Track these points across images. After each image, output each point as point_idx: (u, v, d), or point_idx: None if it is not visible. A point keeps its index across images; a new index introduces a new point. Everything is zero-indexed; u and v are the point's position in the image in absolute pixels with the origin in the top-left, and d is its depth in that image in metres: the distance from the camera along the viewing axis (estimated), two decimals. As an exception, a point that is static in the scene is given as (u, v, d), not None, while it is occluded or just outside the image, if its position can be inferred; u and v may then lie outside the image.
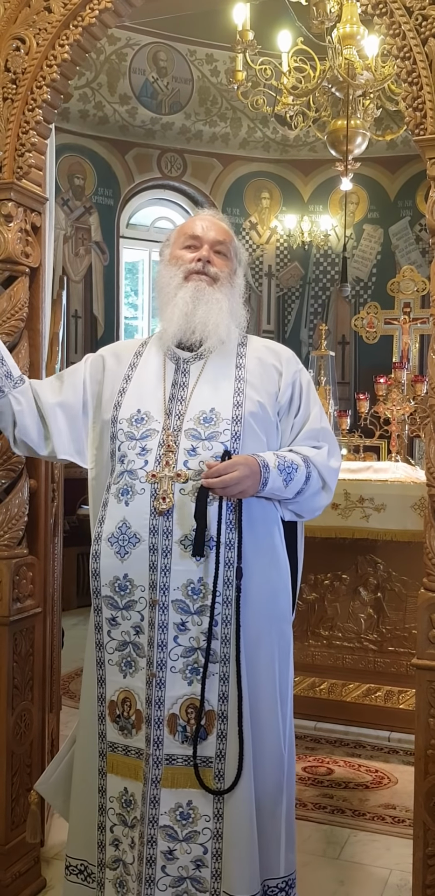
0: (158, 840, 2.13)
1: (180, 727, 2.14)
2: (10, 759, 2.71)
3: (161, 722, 2.14)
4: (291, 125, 5.98)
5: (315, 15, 5.13)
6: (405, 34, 2.33)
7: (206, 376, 2.29)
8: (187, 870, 2.14)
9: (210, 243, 2.33)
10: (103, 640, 2.25)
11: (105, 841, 2.24)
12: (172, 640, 2.15)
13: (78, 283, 8.43)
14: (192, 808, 2.14)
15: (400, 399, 5.39)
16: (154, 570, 2.16)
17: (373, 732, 4.21)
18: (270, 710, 2.23)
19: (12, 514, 2.72)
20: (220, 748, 2.14)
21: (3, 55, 2.71)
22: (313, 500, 2.30)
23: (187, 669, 2.14)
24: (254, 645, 2.19)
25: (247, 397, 2.25)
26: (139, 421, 2.25)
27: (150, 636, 2.16)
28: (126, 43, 8.06)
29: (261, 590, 2.22)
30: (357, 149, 5.95)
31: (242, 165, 9.08)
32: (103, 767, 2.24)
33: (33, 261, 2.79)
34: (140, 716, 2.17)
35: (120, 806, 2.22)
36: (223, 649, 2.14)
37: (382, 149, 8.32)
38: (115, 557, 2.22)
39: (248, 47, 5.32)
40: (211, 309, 2.27)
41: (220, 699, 2.14)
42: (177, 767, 2.15)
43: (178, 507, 2.14)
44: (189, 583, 2.14)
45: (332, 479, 2.31)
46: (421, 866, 2.30)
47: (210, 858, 2.13)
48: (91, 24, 2.69)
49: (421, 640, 2.32)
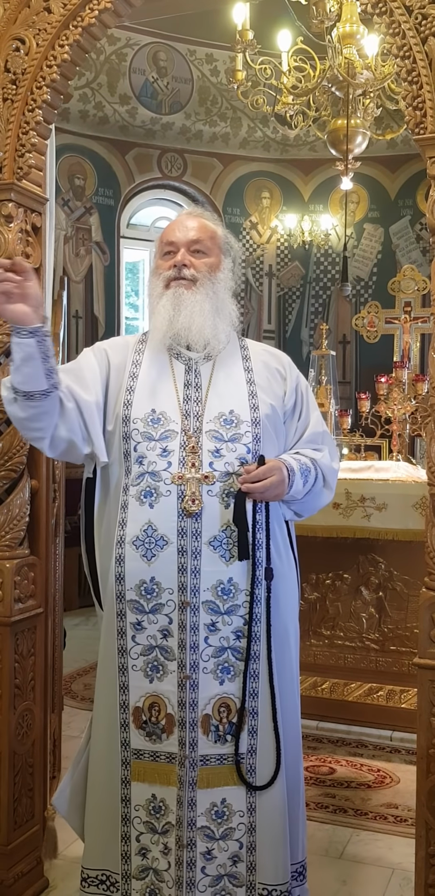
0: (197, 842, 2.16)
1: (213, 727, 2.17)
2: (12, 759, 2.71)
3: (195, 723, 2.16)
4: (292, 125, 5.97)
5: (315, 14, 5.13)
6: (405, 33, 2.33)
7: (219, 377, 2.31)
8: (225, 867, 2.17)
9: (186, 245, 2.32)
10: (127, 645, 2.22)
11: (130, 851, 2.21)
12: (203, 641, 2.16)
13: (78, 283, 8.43)
14: (226, 805, 2.17)
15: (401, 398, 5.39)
16: (183, 573, 2.16)
17: (375, 732, 4.21)
18: (292, 703, 2.29)
19: (14, 514, 2.72)
20: (251, 744, 2.18)
21: (2, 56, 2.71)
22: (317, 499, 2.36)
23: (218, 669, 2.17)
24: (281, 642, 2.25)
25: (260, 400, 2.29)
26: (156, 421, 2.24)
27: (181, 638, 2.16)
28: (126, 43, 8.06)
29: (285, 588, 2.28)
30: (357, 148, 5.95)
31: (243, 165, 9.08)
32: (127, 776, 2.22)
33: (34, 261, 2.79)
34: (171, 720, 2.18)
35: (147, 814, 2.20)
36: (254, 647, 2.18)
37: (383, 148, 8.32)
38: (141, 560, 2.19)
39: (248, 47, 5.32)
40: (193, 312, 2.27)
41: (250, 696, 2.18)
42: (211, 767, 2.17)
43: (207, 509, 2.17)
44: (219, 583, 2.16)
45: (333, 480, 2.38)
46: (423, 865, 2.30)
47: (245, 853, 2.17)
48: (91, 24, 2.69)
49: (423, 639, 2.32)
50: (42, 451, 2.33)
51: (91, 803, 2.31)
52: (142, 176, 8.79)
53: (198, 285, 2.30)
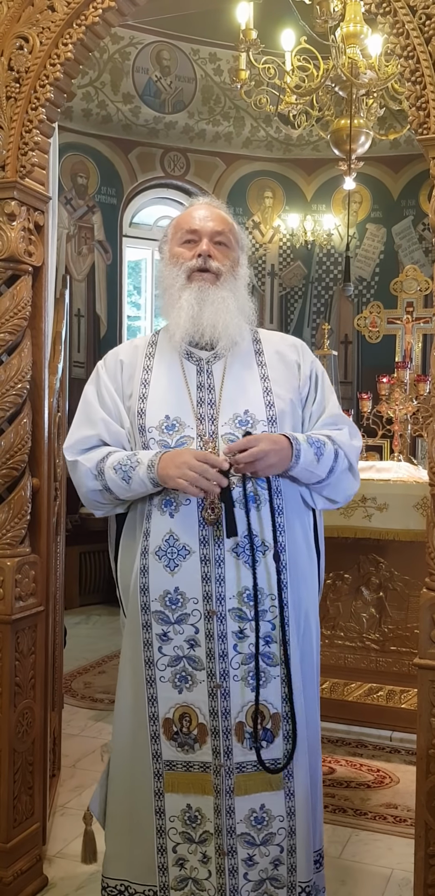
0: (238, 849, 2.14)
1: (247, 734, 2.14)
2: (12, 757, 2.71)
3: (229, 732, 2.14)
4: (294, 124, 5.97)
5: (318, 14, 5.13)
6: (409, 33, 2.32)
7: (232, 376, 2.24)
8: (267, 871, 2.16)
9: (209, 235, 2.25)
10: (154, 656, 2.18)
11: (167, 863, 2.19)
12: (232, 648, 2.13)
13: (81, 282, 8.43)
14: (265, 811, 2.16)
15: (402, 398, 5.38)
16: (208, 581, 2.13)
17: (375, 732, 4.21)
18: (313, 697, 2.29)
19: (15, 512, 2.72)
20: (287, 748, 2.16)
21: (6, 54, 2.71)
22: (344, 480, 2.26)
23: (249, 676, 2.14)
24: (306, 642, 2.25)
25: (275, 396, 2.23)
26: (170, 428, 2.18)
27: (209, 648, 2.13)
28: (129, 42, 8.06)
29: (308, 589, 2.26)
30: (360, 148, 5.94)
31: (245, 164, 9.08)
32: (160, 788, 2.19)
33: (36, 260, 2.79)
34: (204, 729, 2.15)
35: (183, 824, 2.18)
36: (282, 651, 2.15)
37: (386, 148, 8.31)
38: (165, 571, 2.16)
39: (251, 46, 5.31)
40: (218, 309, 2.20)
41: (283, 701, 2.15)
42: (247, 774, 2.15)
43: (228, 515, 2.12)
44: (244, 589, 2.12)
45: (355, 459, 2.28)
46: (422, 866, 2.30)
47: (286, 856, 2.17)
48: (94, 22, 2.69)
49: (423, 639, 2.32)
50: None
51: (112, 813, 2.29)
52: (144, 175, 8.79)
53: (222, 280, 2.23)
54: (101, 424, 2.27)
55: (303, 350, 2.35)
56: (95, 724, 4.40)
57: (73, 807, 3.40)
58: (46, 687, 2.93)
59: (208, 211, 2.31)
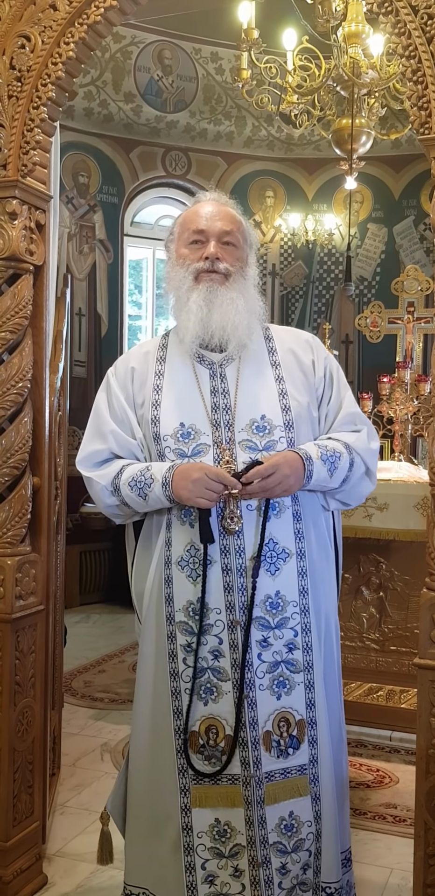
0: (272, 858, 2.12)
1: (274, 742, 2.13)
2: (12, 755, 2.71)
3: (257, 742, 2.11)
4: (296, 124, 5.97)
5: (320, 13, 5.13)
6: (411, 33, 2.32)
7: (246, 380, 2.19)
8: (298, 877, 2.16)
9: (217, 236, 2.19)
10: (179, 668, 2.14)
11: (196, 881, 2.13)
12: (257, 657, 2.11)
13: (82, 281, 8.43)
14: (294, 818, 2.14)
15: (403, 398, 5.38)
16: (230, 591, 2.10)
17: (374, 732, 4.21)
18: (337, 701, 2.30)
19: (15, 511, 2.72)
20: (313, 753, 2.16)
21: (8, 53, 2.71)
22: (359, 486, 2.24)
23: (274, 684, 2.13)
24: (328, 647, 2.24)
25: (291, 398, 2.19)
26: (186, 436, 2.14)
27: (234, 658, 2.10)
28: (131, 41, 8.05)
29: (324, 589, 2.24)
30: (362, 148, 5.94)
31: (247, 164, 9.07)
32: (187, 803, 2.13)
33: (37, 259, 2.79)
34: (230, 741, 2.11)
35: (211, 840, 2.13)
36: (305, 657, 2.15)
37: (387, 148, 8.31)
38: (188, 581, 2.13)
39: (253, 46, 5.31)
40: (227, 311, 2.15)
41: (308, 706, 2.15)
42: (277, 783, 2.14)
43: (248, 524, 2.10)
44: (267, 598, 2.11)
45: (373, 463, 2.24)
46: (422, 866, 2.30)
47: (313, 859, 2.17)
48: (96, 21, 2.69)
49: (423, 639, 2.32)
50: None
51: (132, 821, 2.25)
52: (146, 174, 8.79)
53: (231, 281, 2.18)
54: (111, 437, 2.23)
55: (317, 347, 2.30)
56: (95, 723, 4.40)
57: (73, 805, 3.40)
58: (46, 686, 2.94)
59: (216, 209, 2.24)
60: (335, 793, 2.22)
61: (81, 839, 3.13)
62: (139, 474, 2.15)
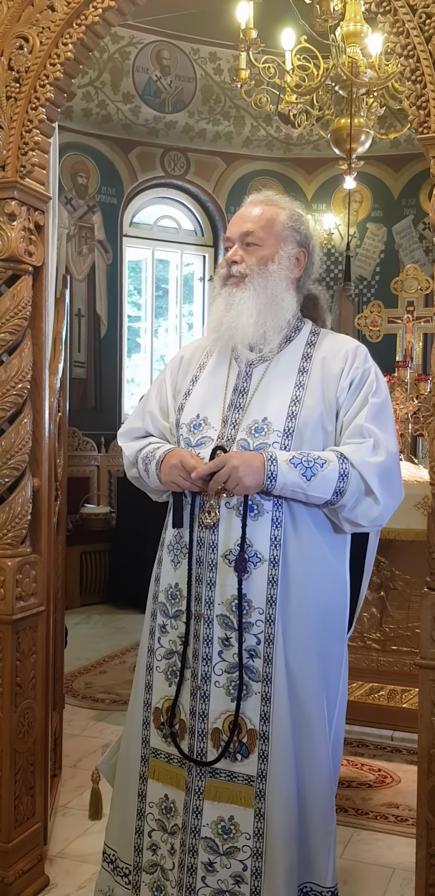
0: (199, 851, 2.13)
1: (223, 742, 2.12)
2: (14, 757, 2.71)
3: (205, 734, 2.13)
4: (295, 123, 5.97)
5: (319, 13, 5.12)
6: (409, 32, 2.32)
7: (266, 382, 2.20)
8: (227, 884, 2.13)
9: (239, 239, 2.24)
10: (154, 646, 2.24)
11: (142, 845, 2.24)
12: (217, 654, 2.12)
13: (81, 281, 8.43)
14: (233, 823, 2.12)
15: (403, 398, 5.38)
16: (199, 583, 2.13)
17: (376, 731, 4.21)
18: (321, 734, 2.17)
19: (16, 512, 2.72)
20: (261, 769, 2.10)
21: (6, 54, 2.71)
22: (361, 504, 2.11)
23: (231, 686, 2.12)
24: (302, 667, 2.13)
25: (304, 406, 2.14)
26: (197, 427, 2.21)
27: (196, 648, 2.14)
28: (129, 41, 8.06)
29: (309, 607, 2.14)
30: (361, 147, 5.94)
31: (246, 164, 9.07)
32: (145, 772, 2.24)
33: (36, 259, 2.79)
34: (184, 726, 2.17)
35: (160, 812, 2.21)
36: (265, 668, 2.09)
37: (386, 147, 8.31)
38: (171, 565, 2.21)
39: (251, 46, 5.31)
40: (239, 311, 2.19)
41: (262, 719, 2.10)
42: (220, 782, 2.13)
43: (224, 521, 2.11)
44: (233, 598, 2.10)
45: (374, 479, 2.08)
46: (424, 865, 2.29)
47: (249, 876, 2.11)
48: (94, 22, 2.68)
49: (424, 639, 2.32)
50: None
51: (116, 785, 2.37)
52: (145, 174, 8.79)
53: (247, 282, 2.20)
54: (148, 418, 2.39)
55: (356, 357, 2.21)
56: (96, 724, 4.40)
57: (75, 807, 3.40)
58: (47, 687, 2.94)
59: (245, 211, 2.31)
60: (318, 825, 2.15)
61: (83, 840, 3.13)
62: (150, 450, 2.27)
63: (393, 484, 2.14)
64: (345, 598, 2.25)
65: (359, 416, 2.15)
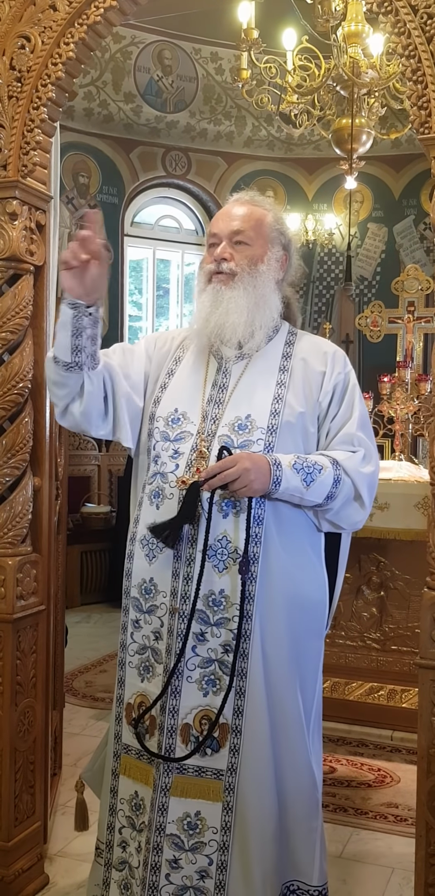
0: (164, 848, 2.11)
1: (193, 737, 2.11)
2: (14, 756, 2.72)
3: (174, 731, 2.12)
4: (296, 124, 5.97)
5: (320, 13, 5.13)
6: (410, 32, 2.32)
7: (247, 379, 2.21)
8: (191, 879, 2.12)
9: (228, 237, 2.23)
10: (127, 641, 2.23)
11: (114, 841, 2.24)
12: (191, 649, 2.12)
13: (82, 281, 8.43)
14: (199, 818, 2.12)
15: (404, 398, 5.38)
16: (176, 578, 2.13)
17: (375, 731, 4.21)
18: (299, 729, 2.17)
19: (16, 511, 2.72)
20: (232, 762, 2.11)
21: (8, 53, 2.71)
22: (348, 509, 2.16)
23: (204, 681, 2.11)
24: (280, 662, 2.14)
25: (286, 404, 2.16)
26: (175, 421, 2.19)
27: (169, 643, 2.13)
28: (131, 41, 8.06)
29: (288, 604, 2.15)
30: (362, 147, 5.94)
31: (247, 164, 9.08)
32: (117, 768, 2.24)
33: (38, 259, 2.79)
34: (154, 722, 2.15)
35: (130, 809, 2.21)
36: (241, 663, 2.10)
37: (387, 147, 8.32)
38: (145, 560, 2.19)
39: (252, 46, 5.31)
40: (228, 309, 2.18)
41: (235, 713, 2.10)
42: (188, 777, 2.12)
43: (205, 516, 2.10)
44: (210, 593, 2.10)
45: (364, 488, 2.16)
46: (423, 865, 2.30)
47: (215, 870, 2.10)
48: (96, 22, 2.69)
49: (424, 639, 2.32)
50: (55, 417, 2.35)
51: (104, 781, 2.35)
52: (146, 174, 8.80)
53: (236, 280, 2.20)
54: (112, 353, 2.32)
55: (335, 361, 2.24)
56: (96, 724, 4.40)
57: (74, 806, 3.40)
58: (47, 686, 2.94)
59: (233, 209, 2.29)
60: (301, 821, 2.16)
61: (83, 839, 3.13)
62: None
63: (374, 493, 2.23)
64: (324, 595, 2.26)
65: (349, 424, 2.19)
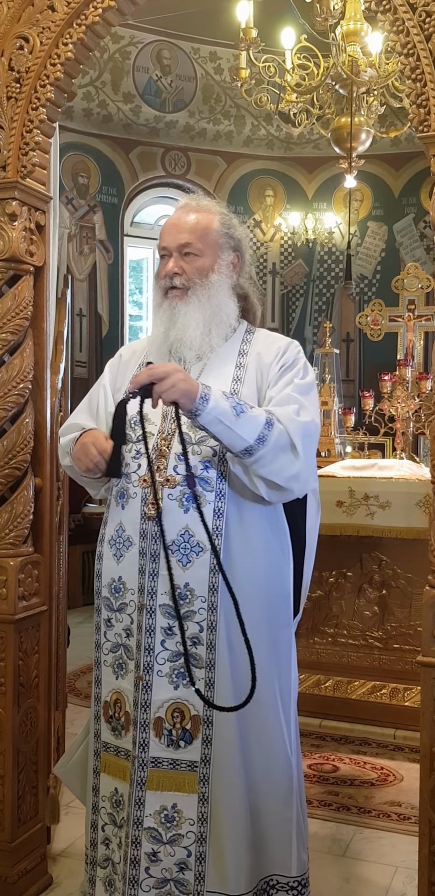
0: (142, 841, 2.13)
1: (166, 731, 2.14)
2: (17, 756, 2.72)
3: (147, 725, 2.15)
4: (295, 123, 5.97)
5: (318, 12, 5.13)
6: (409, 30, 2.32)
7: (204, 378, 2.23)
8: (171, 872, 2.14)
9: (177, 250, 2.24)
10: (101, 640, 2.29)
11: (97, 839, 2.27)
12: (160, 644, 2.15)
13: (82, 281, 8.44)
14: (176, 811, 2.14)
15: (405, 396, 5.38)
16: (143, 575, 2.18)
17: (378, 730, 4.21)
18: (273, 717, 2.21)
19: (18, 512, 2.72)
20: (205, 753, 2.13)
21: (6, 54, 2.71)
22: (281, 459, 2.10)
23: (174, 674, 2.15)
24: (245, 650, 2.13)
25: (240, 396, 2.19)
26: (137, 423, 2.20)
27: (139, 639, 2.17)
28: (130, 41, 8.06)
29: (254, 595, 2.17)
30: (361, 146, 5.94)
31: (246, 163, 9.08)
32: (97, 766, 2.28)
33: (38, 259, 2.79)
34: (128, 717, 2.19)
35: (111, 805, 2.24)
36: (209, 655, 2.13)
37: (386, 146, 8.32)
38: (113, 560, 2.25)
39: (251, 45, 5.31)
40: (185, 324, 2.21)
41: (205, 705, 2.13)
42: (162, 770, 2.15)
43: (167, 513, 2.14)
44: (176, 588, 2.12)
45: (298, 437, 2.10)
46: (426, 863, 2.30)
47: (193, 861, 2.13)
48: (95, 22, 2.69)
49: (426, 637, 2.32)
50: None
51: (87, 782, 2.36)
52: (145, 174, 8.80)
53: (190, 294, 2.22)
54: (80, 416, 2.44)
55: (286, 350, 2.27)
56: (99, 724, 4.40)
57: (77, 806, 3.39)
58: (50, 686, 2.94)
59: (179, 219, 2.28)
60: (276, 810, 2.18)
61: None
62: (77, 435, 2.32)
63: (312, 449, 2.18)
64: (288, 584, 2.29)
65: (287, 387, 2.19)
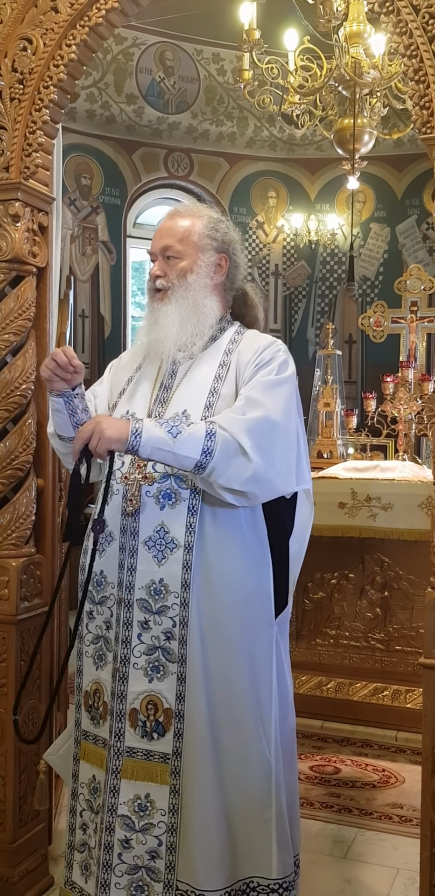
0: (116, 828, 2.20)
1: (140, 722, 2.20)
2: (18, 757, 2.72)
3: (123, 715, 2.21)
4: (298, 124, 5.97)
5: (322, 13, 5.14)
6: (412, 32, 2.32)
7: (189, 377, 2.29)
8: (142, 859, 2.19)
9: (160, 252, 2.31)
10: (83, 631, 2.33)
11: (75, 825, 2.34)
12: (136, 637, 2.21)
13: (85, 282, 8.44)
14: (149, 800, 2.20)
15: (407, 398, 5.38)
16: (122, 569, 2.23)
17: (380, 732, 4.21)
18: (247, 715, 2.22)
19: (20, 513, 2.72)
20: (176, 746, 2.18)
21: (10, 55, 2.71)
22: (232, 465, 2.09)
23: (149, 667, 2.20)
24: (222, 649, 2.19)
25: (220, 397, 2.23)
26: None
27: (117, 632, 2.23)
28: (133, 42, 8.07)
29: (227, 591, 2.20)
30: (364, 147, 5.94)
31: (249, 164, 9.08)
32: (77, 754, 2.34)
33: (40, 260, 2.80)
34: (106, 707, 2.25)
35: (88, 792, 2.31)
36: (181, 650, 2.18)
37: (389, 147, 8.31)
38: (96, 554, 2.28)
39: (254, 46, 5.32)
40: (165, 325, 2.28)
41: (177, 698, 2.18)
42: (137, 760, 2.21)
43: (144, 509, 2.20)
44: (151, 583, 2.19)
45: (243, 435, 2.08)
46: (428, 865, 2.29)
47: (164, 850, 2.19)
48: (98, 23, 2.69)
49: (428, 639, 2.32)
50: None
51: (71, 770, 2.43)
52: (148, 175, 8.80)
53: (169, 295, 2.29)
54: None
55: (263, 349, 2.26)
56: (101, 725, 4.40)
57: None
58: (51, 687, 2.94)
59: (164, 224, 2.36)
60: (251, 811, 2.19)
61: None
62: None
63: (269, 446, 2.13)
64: (268, 583, 2.28)
65: (247, 385, 2.19)
